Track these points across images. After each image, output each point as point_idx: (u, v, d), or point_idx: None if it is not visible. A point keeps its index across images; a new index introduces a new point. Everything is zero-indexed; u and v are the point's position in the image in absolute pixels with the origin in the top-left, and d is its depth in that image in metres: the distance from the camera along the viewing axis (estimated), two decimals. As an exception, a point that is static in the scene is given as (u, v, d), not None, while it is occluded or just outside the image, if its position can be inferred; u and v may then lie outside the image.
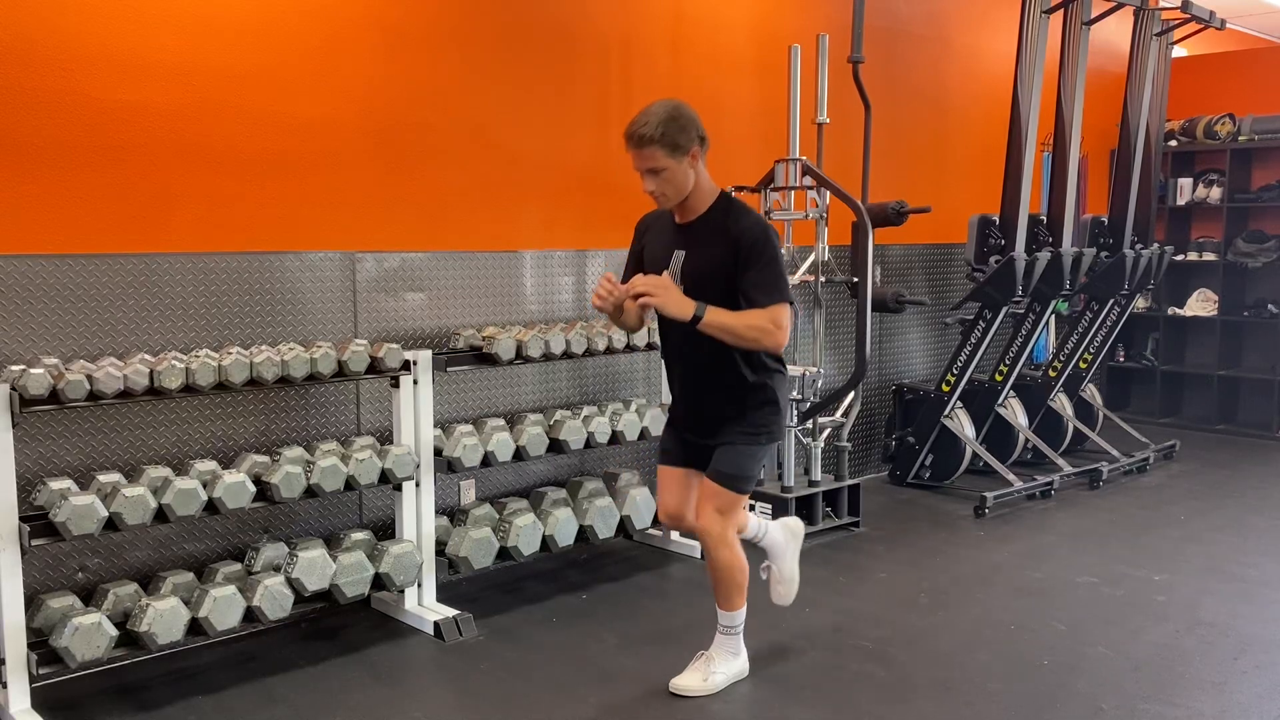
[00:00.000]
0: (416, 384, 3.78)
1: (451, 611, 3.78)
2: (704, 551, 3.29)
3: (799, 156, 4.88)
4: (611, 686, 3.35)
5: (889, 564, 4.57)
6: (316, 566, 3.47)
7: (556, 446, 4.17)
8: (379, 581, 3.63)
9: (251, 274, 3.78)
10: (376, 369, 3.67)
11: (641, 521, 4.34)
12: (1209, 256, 7.64)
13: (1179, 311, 7.76)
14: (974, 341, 5.78)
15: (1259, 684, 3.38)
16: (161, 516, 3.17)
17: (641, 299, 2.94)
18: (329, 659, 3.55)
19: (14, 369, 3.07)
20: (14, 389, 2.93)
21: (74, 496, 3.02)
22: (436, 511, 3.94)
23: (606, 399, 4.79)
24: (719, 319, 2.96)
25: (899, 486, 5.91)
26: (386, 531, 4.07)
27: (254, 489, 3.36)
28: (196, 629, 3.23)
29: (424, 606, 3.84)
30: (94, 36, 3.38)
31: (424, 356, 3.79)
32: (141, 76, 3.48)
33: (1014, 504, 5.49)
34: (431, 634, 3.72)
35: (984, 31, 6.56)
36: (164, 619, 3.13)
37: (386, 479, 3.66)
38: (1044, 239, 5.82)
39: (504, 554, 3.96)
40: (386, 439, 4.03)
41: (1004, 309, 5.73)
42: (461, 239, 4.34)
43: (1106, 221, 6.36)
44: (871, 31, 5.40)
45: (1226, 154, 7.53)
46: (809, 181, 4.88)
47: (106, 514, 3.06)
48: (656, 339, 4.45)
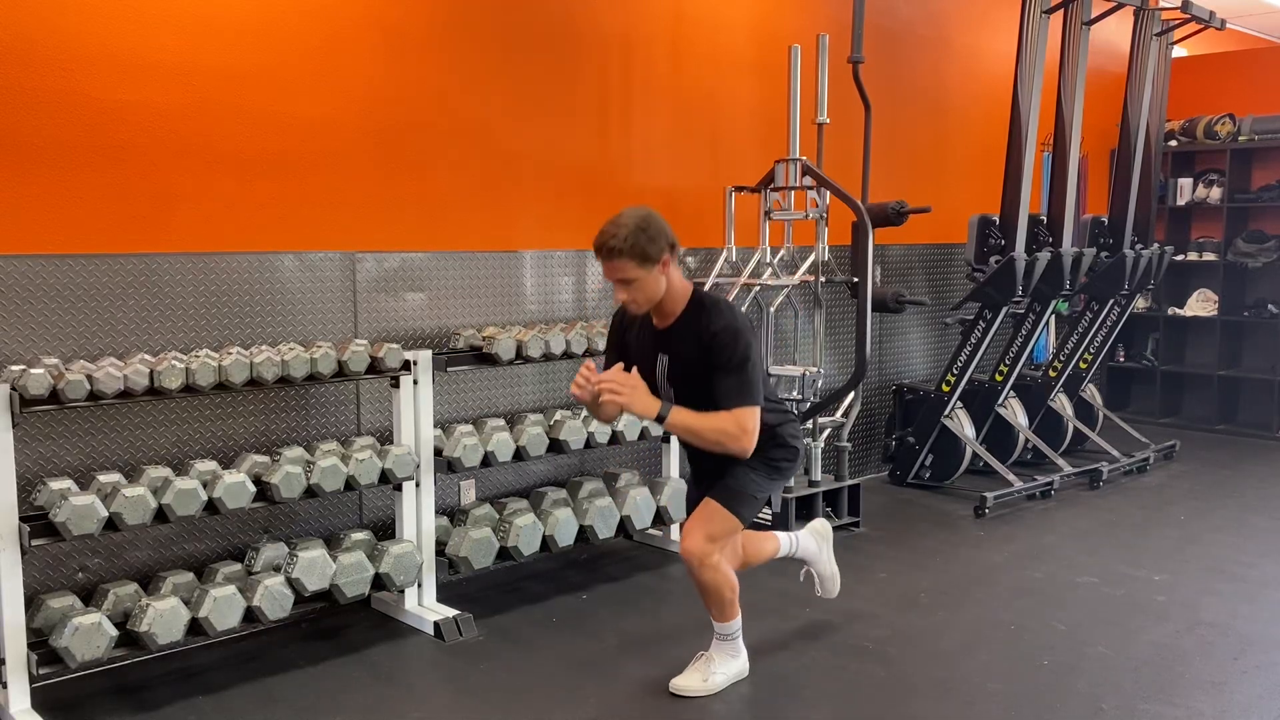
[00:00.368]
0: (416, 384, 3.78)
1: (452, 611, 3.78)
2: (688, 573, 3.26)
3: (799, 156, 4.89)
4: (611, 686, 3.35)
5: (889, 564, 4.57)
6: (316, 566, 3.47)
7: (556, 446, 4.17)
8: (379, 581, 3.63)
9: (251, 274, 3.78)
10: (376, 369, 3.67)
11: (641, 521, 4.34)
12: (1209, 256, 7.64)
13: (1179, 311, 7.76)
14: (974, 341, 5.78)
15: (1259, 684, 3.38)
16: (161, 516, 3.17)
17: (606, 396, 2.95)
18: (329, 659, 3.55)
19: (14, 369, 3.07)
20: (14, 389, 2.93)
21: (74, 496, 3.02)
22: (436, 511, 3.94)
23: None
24: (683, 420, 3.00)
25: (899, 486, 5.91)
26: (386, 531, 4.07)
27: (254, 489, 3.36)
28: (196, 629, 3.22)
29: (424, 606, 3.84)
30: (94, 36, 3.38)
31: (424, 356, 3.79)
32: (141, 76, 3.48)
33: (1014, 504, 5.49)
34: (431, 634, 3.72)
35: (984, 31, 6.56)
36: (164, 619, 3.13)
37: (386, 479, 3.66)
38: (1044, 239, 5.82)
39: (504, 554, 3.96)
40: (386, 439, 4.03)
41: (1004, 309, 5.73)
42: (461, 239, 4.34)
43: (1106, 221, 6.36)
44: (871, 31, 5.40)
45: (1226, 154, 7.53)
46: (809, 181, 4.88)
47: (106, 514, 3.06)
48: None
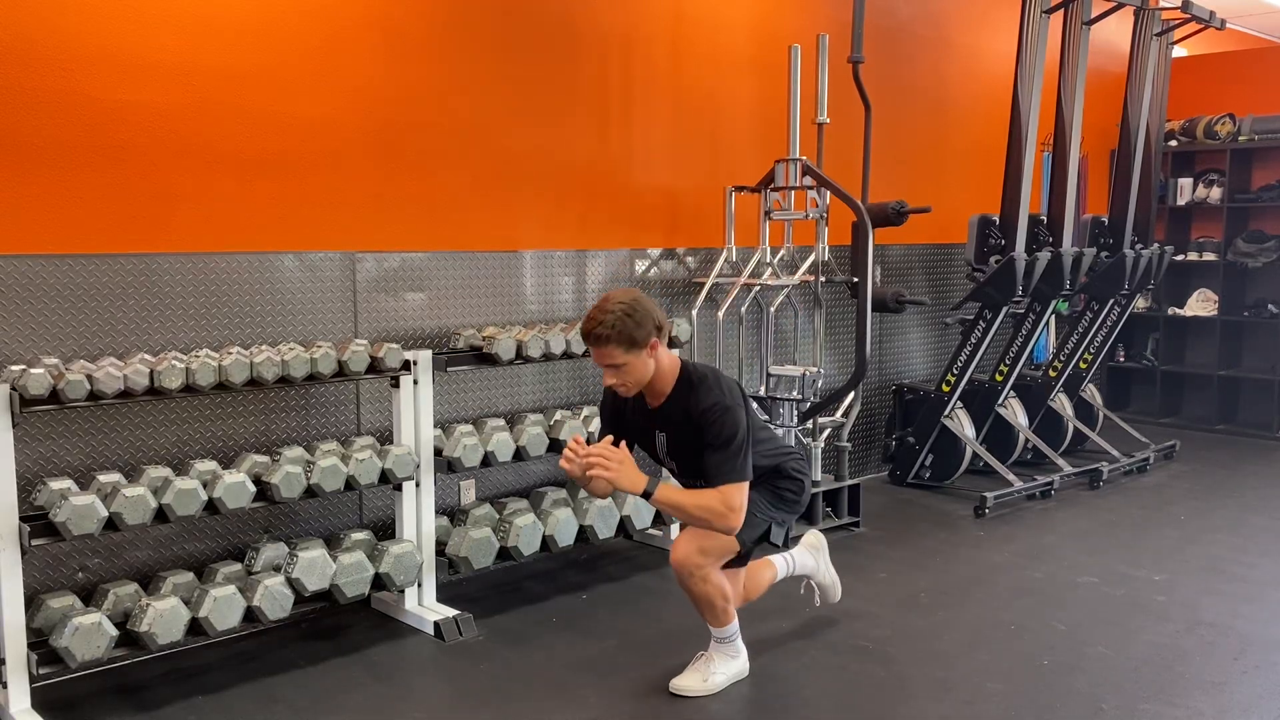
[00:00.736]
0: (416, 384, 3.78)
1: (452, 611, 3.78)
2: (678, 582, 3.26)
3: (799, 156, 4.89)
4: (611, 686, 3.35)
5: (889, 564, 4.57)
6: (316, 566, 3.47)
7: (556, 446, 4.16)
8: (379, 581, 3.62)
9: (251, 274, 3.78)
10: (376, 369, 3.67)
11: (641, 521, 4.34)
12: (1209, 256, 7.63)
13: (1179, 311, 7.76)
14: (974, 341, 5.78)
15: (1259, 684, 3.38)
16: (161, 516, 3.17)
17: (595, 471, 2.96)
18: (329, 659, 3.55)
19: (14, 369, 3.07)
20: (14, 389, 2.93)
21: (74, 496, 3.02)
22: (436, 511, 3.94)
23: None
24: (670, 498, 3.03)
25: (899, 486, 5.91)
26: (386, 531, 4.07)
27: (254, 489, 3.36)
28: (196, 629, 3.22)
29: (424, 606, 3.84)
30: (94, 36, 3.38)
31: (424, 356, 3.79)
32: (141, 76, 3.48)
33: (1014, 504, 5.49)
34: (432, 634, 3.72)
35: (984, 31, 6.56)
36: (164, 619, 3.13)
37: (386, 479, 3.66)
38: (1044, 239, 5.82)
39: (504, 554, 3.96)
40: (386, 439, 4.03)
41: (1004, 309, 5.73)
42: (461, 239, 4.34)
43: (1106, 221, 6.36)
44: (871, 31, 5.40)
45: (1226, 154, 7.53)
46: (809, 181, 4.88)
47: (106, 514, 3.06)
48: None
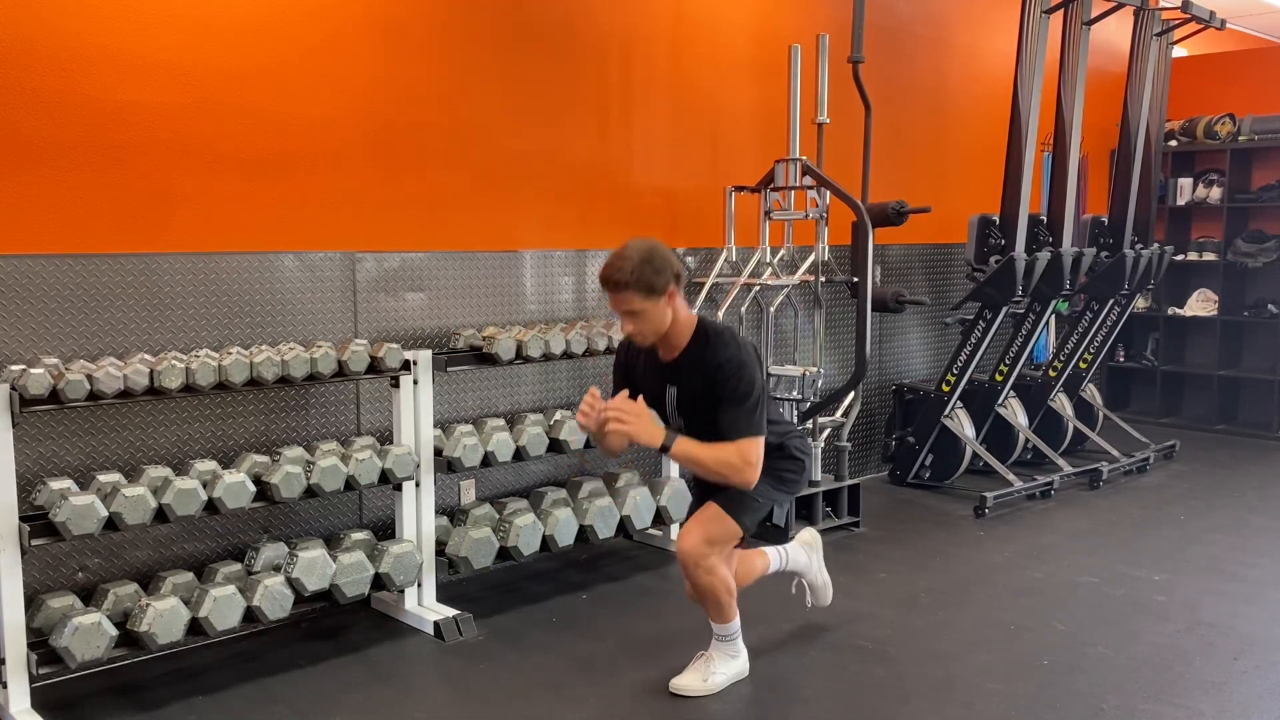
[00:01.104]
0: (416, 384, 3.78)
1: (451, 611, 3.78)
2: (683, 574, 3.25)
3: (799, 156, 4.89)
4: (611, 686, 3.35)
5: (889, 564, 4.57)
6: (316, 566, 3.47)
7: (556, 446, 4.16)
8: (379, 581, 3.62)
9: (251, 274, 3.78)
10: (376, 369, 3.67)
11: (641, 521, 4.34)
12: (1209, 256, 7.64)
13: (1179, 311, 7.76)
14: (974, 341, 5.78)
15: (1259, 684, 3.38)
16: (161, 516, 3.17)
17: (611, 425, 2.97)
18: (329, 659, 3.55)
19: (14, 369, 3.07)
20: (14, 389, 2.93)
21: (74, 496, 3.02)
22: (436, 511, 3.94)
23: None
24: (687, 451, 3.01)
25: (899, 486, 5.91)
26: (386, 531, 4.07)
27: (254, 489, 3.36)
28: (196, 629, 3.22)
29: (424, 606, 3.84)
30: (94, 36, 3.38)
31: (424, 356, 3.79)
32: (141, 76, 3.48)
33: (1014, 504, 5.49)
34: (431, 634, 3.72)
35: (984, 31, 6.56)
36: (164, 619, 3.13)
37: (386, 479, 3.66)
38: (1044, 239, 5.82)
39: (504, 554, 3.95)
40: (386, 439, 4.03)
41: (1004, 309, 5.73)
42: (461, 239, 4.34)
43: (1106, 221, 6.36)
44: (872, 31, 5.40)
45: (1226, 154, 7.53)
46: (809, 181, 4.88)
47: (106, 514, 3.06)
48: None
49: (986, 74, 6.51)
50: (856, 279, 4.92)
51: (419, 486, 3.80)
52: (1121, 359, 7.96)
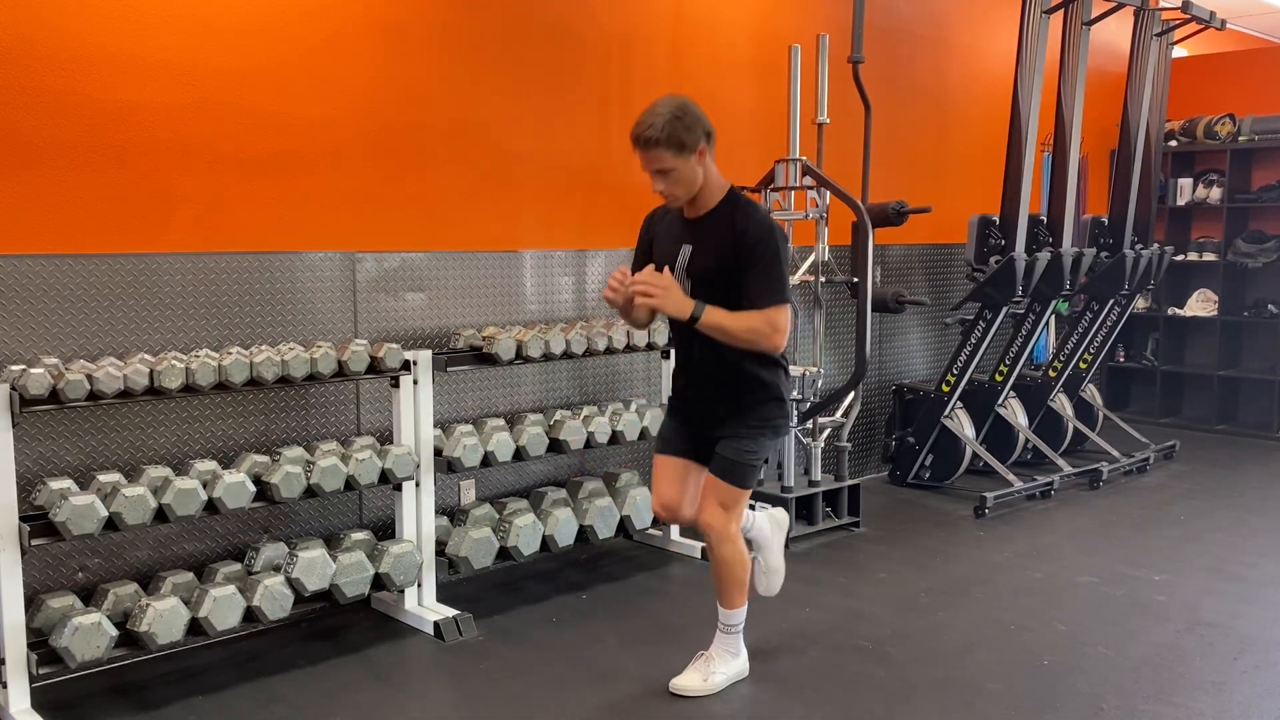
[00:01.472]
0: (416, 384, 3.78)
1: (451, 611, 3.78)
2: (707, 547, 3.28)
3: (799, 156, 4.89)
4: (611, 686, 3.35)
5: (889, 564, 4.57)
6: (316, 566, 3.47)
7: (556, 446, 4.16)
8: (379, 581, 3.63)
9: (251, 274, 3.78)
10: (376, 369, 3.67)
11: (641, 521, 4.34)
12: (1209, 257, 7.64)
13: (1179, 311, 7.76)
14: (974, 341, 5.78)
15: (1259, 684, 3.38)
16: (161, 516, 3.17)
17: (639, 297, 2.95)
18: (329, 659, 3.55)
19: (14, 369, 3.07)
20: (14, 389, 2.93)
21: (74, 496, 3.02)
22: (436, 511, 3.94)
23: (606, 399, 4.79)
24: (716, 319, 2.97)
25: (899, 486, 5.91)
26: (386, 531, 4.07)
27: (254, 489, 3.36)
28: (196, 629, 3.22)
29: (424, 606, 3.84)
30: (94, 36, 3.38)
31: (424, 356, 3.79)
32: (141, 76, 3.48)
33: (1014, 504, 5.49)
34: (431, 634, 3.72)
35: (984, 31, 6.56)
36: (164, 619, 3.13)
37: (386, 479, 3.66)
38: (1044, 239, 5.82)
39: (504, 554, 3.96)
40: (386, 439, 4.03)
41: (1004, 309, 5.73)
42: (461, 239, 4.34)
43: (1106, 221, 6.36)
44: (871, 31, 5.40)
45: (1226, 154, 7.53)
46: (809, 181, 4.88)
47: (106, 514, 3.06)
48: (657, 339, 4.46)
49: (986, 74, 6.51)
50: (856, 279, 4.92)
51: (419, 486, 3.80)
52: (1121, 359, 7.96)
